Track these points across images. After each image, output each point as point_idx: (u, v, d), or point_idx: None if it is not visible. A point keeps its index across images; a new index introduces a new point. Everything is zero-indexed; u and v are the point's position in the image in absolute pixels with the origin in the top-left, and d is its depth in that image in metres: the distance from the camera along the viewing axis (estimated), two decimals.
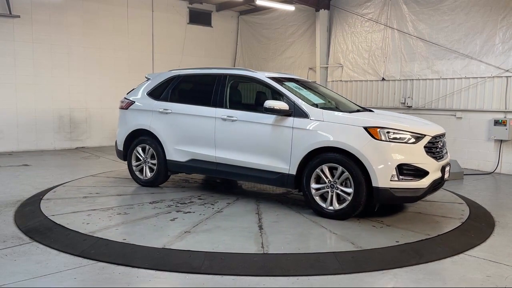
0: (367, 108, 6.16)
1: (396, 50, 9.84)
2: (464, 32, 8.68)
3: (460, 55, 8.73)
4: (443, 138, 5.27)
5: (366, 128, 4.70)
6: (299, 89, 5.66)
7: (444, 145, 5.25)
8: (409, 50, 9.59)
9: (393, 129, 4.69)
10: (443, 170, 4.95)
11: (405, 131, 4.71)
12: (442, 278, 3.51)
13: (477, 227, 4.83)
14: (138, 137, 6.39)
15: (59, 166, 8.25)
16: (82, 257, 3.74)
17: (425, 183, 4.66)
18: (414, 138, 4.72)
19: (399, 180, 4.58)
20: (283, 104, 5.09)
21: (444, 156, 5.13)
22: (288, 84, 5.57)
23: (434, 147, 4.91)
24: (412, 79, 9.59)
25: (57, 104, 10.56)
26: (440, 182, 4.98)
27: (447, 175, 5.10)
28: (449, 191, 6.48)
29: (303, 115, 5.05)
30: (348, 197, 4.74)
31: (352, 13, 10.71)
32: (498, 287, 3.36)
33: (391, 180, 4.57)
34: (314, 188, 4.94)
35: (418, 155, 4.69)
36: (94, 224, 4.49)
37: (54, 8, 10.29)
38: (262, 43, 13.15)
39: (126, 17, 11.47)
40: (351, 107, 5.92)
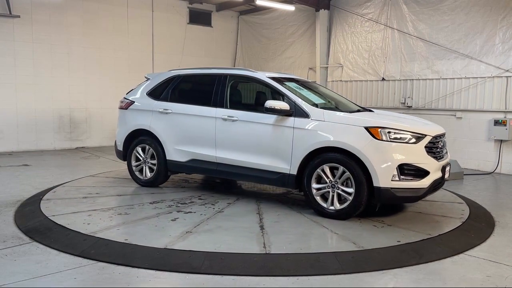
0: (367, 108, 6.16)
1: (396, 50, 9.84)
2: (464, 32, 8.68)
3: (460, 55, 8.73)
4: (443, 138, 5.28)
5: (367, 128, 4.70)
6: (300, 89, 5.65)
7: (444, 145, 5.26)
8: (409, 50, 9.59)
9: (394, 129, 4.69)
10: (443, 170, 4.96)
11: (406, 131, 4.71)
12: (442, 278, 3.51)
13: (477, 227, 4.83)
14: (138, 137, 6.39)
15: (59, 166, 8.25)
16: (82, 257, 3.74)
17: (425, 183, 4.66)
18: (415, 138, 4.72)
19: (400, 180, 4.59)
20: (284, 104, 5.09)
21: (444, 156, 5.14)
22: (288, 84, 5.56)
23: (435, 147, 4.92)
24: (412, 79, 9.59)
25: (57, 104, 10.56)
26: (441, 182, 4.99)
27: (447, 175, 5.11)
28: (449, 191, 6.47)
29: (304, 115, 5.05)
30: (349, 197, 4.74)
31: (352, 13, 10.71)
32: (498, 287, 3.36)
33: (392, 180, 4.57)
34: (315, 188, 4.94)
35: (419, 155, 4.70)
36: (95, 225, 4.49)
37: (54, 8, 10.29)
38: (262, 43, 13.15)
39: (126, 17, 11.47)
40: (351, 107, 5.92)
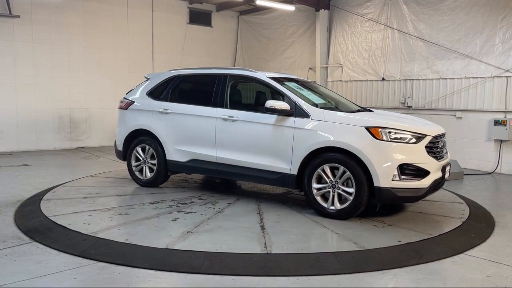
0: (367, 108, 6.16)
1: (396, 50, 9.84)
2: (464, 32, 8.68)
3: (460, 55, 8.73)
4: (444, 138, 5.28)
5: (367, 128, 4.70)
6: (300, 89, 5.65)
7: (444, 145, 5.26)
8: (409, 50, 9.58)
9: (394, 129, 4.69)
10: (443, 170, 4.96)
11: (406, 131, 4.71)
12: (442, 278, 3.51)
13: (477, 227, 4.83)
14: (138, 137, 6.38)
15: (59, 166, 8.25)
16: (82, 257, 3.74)
17: (426, 183, 4.66)
18: (415, 138, 4.72)
19: (400, 180, 4.59)
20: (284, 104, 5.09)
21: (445, 156, 5.14)
22: (288, 84, 5.56)
23: (435, 147, 4.92)
24: (412, 79, 9.59)
25: (57, 104, 10.56)
26: (441, 182, 4.99)
27: (447, 175, 5.11)
28: (449, 191, 6.47)
29: (304, 115, 5.04)
30: (349, 197, 4.74)
31: (352, 13, 10.71)
32: (498, 287, 3.36)
33: (393, 180, 4.57)
34: (315, 188, 4.94)
35: (419, 155, 4.70)
36: (96, 225, 4.48)
37: (54, 8, 10.29)
38: (262, 43, 13.15)
39: (126, 17, 11.47)
40: (351, 107, 5.92)
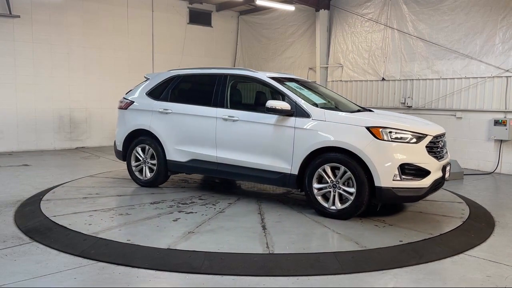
0: (367, 108, 6.16)
1: (396, 50, 9.84)
2: (464, 32, 8.68)
3: (460, 55, 8.73)
4: (444, 137, 5.29)
5: (368, 128, 4.70)
6: (300, 89, 5.65)
7: (444, 144, 5.27)
8: (409, 50, 9.58)
9: (395, 129, 4.69)
10: (443, 169, 4.96)
11: (407, 131, 4.72)
12: (442, 278, 3.51)
13: (477, 227, 4.83)
14: (138, 137, 6.38)
15: (59, 166, 8.25)
16: (82, 257, 3.74)
17: (427, 182, 4.67)
18: (416, 138, 4.72)
19: (401, 180, 4.59)
20: (285, 104, 5.09)
21: (445, 155, 5.14)
22: (289, 84, 5.56)
23: (435, 146, 4.92)
24: (412, 79, 9.59)
25: (57, 104, 10.56)
26: (441, 181, 4.99)
27: (447, 175, 5.11)
28: (449, 191, 6.47)
29: (305, 115, 5.04)
30: (350, 196, 4.74)
31: (352, 13, 10.71)
32: (498, 287, 3.36)
33: (394, 179, 4.57)
34: (316, 188, 4.94)
35: (420, 154, 4.70)
36: (97, 225, 4.47)
37: (54, 8, 10.29)
38: (262, 43, 13.15)
39: (126, 17, 11.47)
40: (351, 107, 5.92)
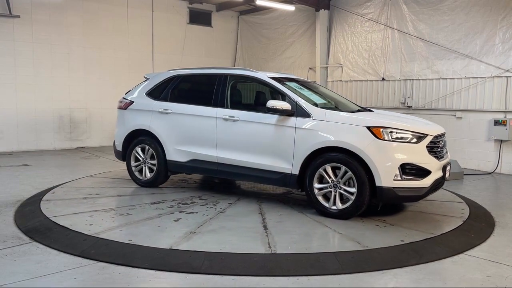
0: (367, 108, 6.16)
1: (396, 50, 9.84)
2: (464, 32, 8.68)
3: (460, 55, 8.73)
4: (444, 137, 5.29)
5: (369, 128, 4.70)
6: (301, 89, 5.65)
7: (444, 144, 5.27)
8: (409, 50, 9.58)
9: (396, 129, 4.69)
10: (444, 169, 4.97)
11: (407, 131, 4.72)
12: (442, 278, 3.51)
13: (477, 227, 4.83)
14: (137, 137, 6.37)
15: (59, 166, 8.25)
16: (82, 257, 3.74)
17: (427, 182, 4.67)
18: (416, 138, 4.73)
19: (402, 180, 4.59)
20: (286, 104, 5.09)
21: (445, 155, 5.15)
22: (289, 84, 5.56)
23: (436, 146, 4.93)
24: (412, 79, 9.59)
25: (57, 104, 10.56)
26: (441, 181, 5.00)
27: (447, 175, 5.11)
28: (449, 191, 6.47)
29: (306, 115, 5.04)
30: (351, 196, 4.74)
31: (352, 13, 10.71)
32: (498, 287, 3.36)
33: (394, 179, 4.58)
34: (317, 188, 4.94)
35: (421, 154, 4.70)
36: (98, 226, 4.47)
37: (54, 8, 10.29)
38: (262, 43, 13.15)
39: (126, 17, 11.47)
40: (351, 107, 5.92)
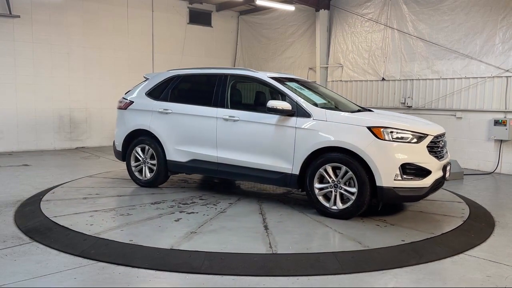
0: (367, 108, 6.16)
1: (396, 50, 9.84)
2: (464, 32, 8.68)
3: (460, 55, 8.73)
4: (444, 137, 5.30)
5: (369, 128, 4.71)
6: (301, 89, 5.65)
7: (445, 144, 5.27)
8: (409, 50, 9.58)
9: (396, 129, 4.70)
10: (444, 169, 4.97)
11: (408, 131, 4.72)
12: (442, 278, 3.51)
13: (477, 227, 4.83)
14: (137, 137, 6.37)
15: (59, 166, 8.25)
16: (82, 257, 3.74)
17: (427, 182, 4.68)
18: (417, 138, 4.73)
19: (402, 180, 4.59)
20: (286, 104, 5.09)
21: (445, 155, 5.15)
22: (289, 84, 5.56)
23: (436, 146, 4.93)
24: (412, 79, 9.59)
25: (57, 104, 10.56)
26: (441, 181, 5.00)
27: (448, 175, 5.11)
28: (449, 191, 6.47)
29: (306, 115, 5.04)
30: (351, 196, 4.74)
31: (352, 13, 10.71)
32: (498, 287, 3.36)
33: (395, 179, 4.58)
34: (317, 188, 4.94)
35: (421, 154, 4.71)
36: (98, 226, 4.46)
37: (54, 8, 10.29)
38: (262, 43, 13.15)
39: (126, 17, 11.47)
40: (351, 107, 5.92)
